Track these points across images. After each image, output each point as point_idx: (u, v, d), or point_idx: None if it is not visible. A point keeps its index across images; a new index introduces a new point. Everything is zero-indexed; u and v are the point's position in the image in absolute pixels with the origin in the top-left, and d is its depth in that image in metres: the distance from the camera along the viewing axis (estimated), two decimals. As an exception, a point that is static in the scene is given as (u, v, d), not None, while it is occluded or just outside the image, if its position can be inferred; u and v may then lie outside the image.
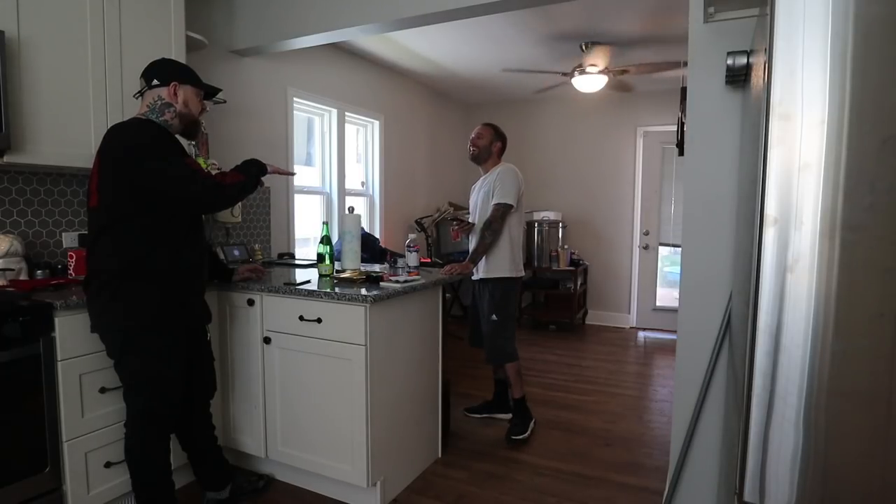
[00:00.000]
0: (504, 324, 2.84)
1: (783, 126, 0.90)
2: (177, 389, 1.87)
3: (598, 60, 4.16)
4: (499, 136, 2.96)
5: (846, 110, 0.86)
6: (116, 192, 1.72)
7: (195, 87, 1.89)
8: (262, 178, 2.01)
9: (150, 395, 1.82)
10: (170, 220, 1.80)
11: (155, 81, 1.83)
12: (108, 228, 1.74)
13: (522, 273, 2.92)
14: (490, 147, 2.92)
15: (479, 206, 2.92)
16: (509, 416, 3.10)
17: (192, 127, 1.93)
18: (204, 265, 2.00)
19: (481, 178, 2.97)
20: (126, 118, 2.21)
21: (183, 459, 2.18)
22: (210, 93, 2.00)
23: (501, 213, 2.79)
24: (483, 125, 2.98)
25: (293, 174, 2.41)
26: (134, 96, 1.93)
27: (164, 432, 1.89)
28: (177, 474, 2.25)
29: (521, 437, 2.82)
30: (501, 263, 2.84)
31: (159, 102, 1.83)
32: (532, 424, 2.92)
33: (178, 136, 1.91)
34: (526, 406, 2.93)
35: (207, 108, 1.98)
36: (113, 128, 1.79)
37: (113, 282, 1.74)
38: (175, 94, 1.83)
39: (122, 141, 1.73)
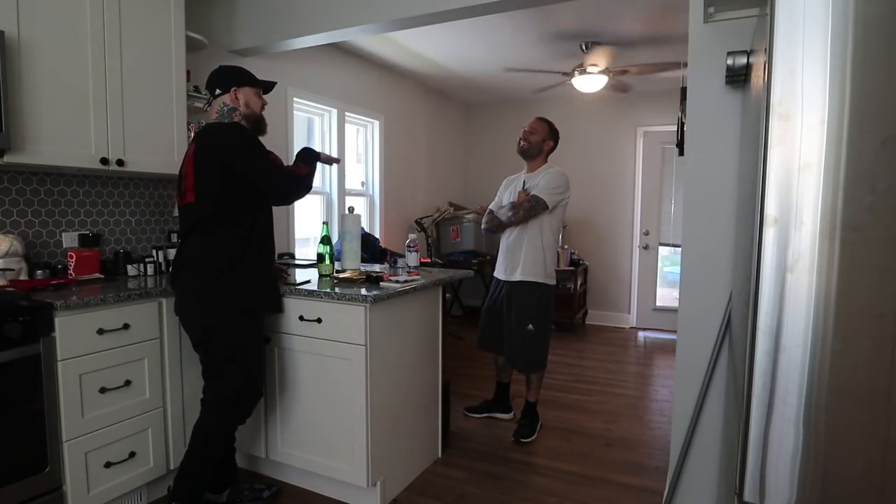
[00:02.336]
0: (540, 333, 2.79)
1: (783, 126, 0.90)
2: (261, 374, 2.03)
3: (598, 60, 4.16)
4: (552, 135, 2.84)
5: (846, 110, 0.86)
6: (216, 190, 1.87)
7: (253, 86, 2.04)
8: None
9: (237, 381, 1.95)
10: (258, 216, 1.97)
11: (217, 91, 1.99)
12: (204, 223, 1.89)
13: (553, 282, 2.82)
14: (542, 144, 2.82)
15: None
16: (509, 415, 3.10)
17: (258, 124, 2.06)
18: (274, 255, 2.16)
19: (523, 175, 2.87)
20: (126, 118, 2.24)
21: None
22: (267, 88, 2.11)
23: (531, 207, 2.69)
24: (538, 120, 2.85)
25: (338, 161, 2.46)
26: (203, 108, 2.09)
27: (243, 417, 2.02)
28: (177, 474, 2.25)
29: (528, 439, 2.82)
30: (535, 267, 2.75)
31: (226, 108, 1.99)
32: (539, 427, 2.93)
33: None
34: (536, 410, 2.94)
35: (267, 102, 2.12)
36: (205, 131, 1.94)
37: (204, 273, 1.90)
38: (237, 97, 1.99)
39: (221, 143, 1.88)
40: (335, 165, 4.14)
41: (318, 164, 2.17)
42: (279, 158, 2.00)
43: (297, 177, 2.00)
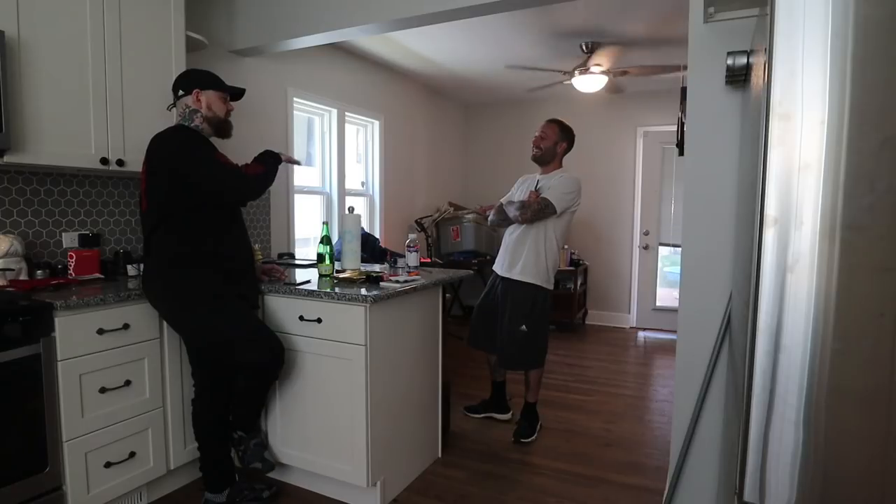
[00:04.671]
0: (533, 334, 2.77)
1: (783, 126, 0.90)
2: (264, 337, 2.04)
3: (598, 60, 4.16)
4: (564, 136, 2.80)
5: (846, 110, 0.86)
6: (161, 194, 1.91)
7: (217, 90, 2.04)
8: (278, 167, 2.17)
9: (238, 349, 2.00)
10: (212, 213, 1.98)
11: (181, 92, 2.02)
12: (159, 227, 1.93)
13: (551, 286, 2.81)
14: (555, 148, 2.79)
15: None
16: (507, 416, 3.10)
17: (222, 127, 2.08)
18: (248, 253, 2.16)
19: (538, 176, 2.85)
20: (126, 118, 2.25)
21: (192, 455, 2.20)
22: (235, 94, 2.13)
23: (540, 208, 2.67)
24: (548, 123, 2.81)
25: (299, 163, 2.45)
26: (168, 108, 2.11)
27: (277, 370, 2.13)
28: (181, 472, 2.26)
29: (528, 439, 2.82)
30: (535, 269, 2.74)
31: (187, 110, 2.02)
32: (539, 427, 2.93)
33: (213, 137, 2.07)
34: (536, 410, 2.94)
35: (233, 108, 2.14)
36: (154, 137, 1.97)
37: (166, 270, 1.95)
38: (199, 100, 2.01)
39: (161, 148, 1.92)
40: (335, 167, 4.15)
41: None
42: (226, 158, 1.99)
43: (241, 175, 1.97)
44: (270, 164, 2.09)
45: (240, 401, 2.13)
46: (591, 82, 4.24)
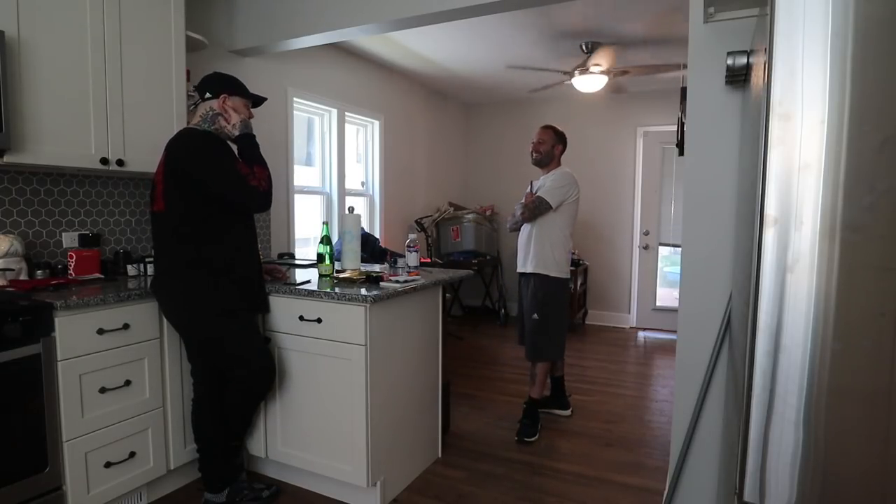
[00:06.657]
0: (544, 323, 2.87)
1: (783, 126, 0.90)
2: (259, 362, 2.07)
3: (598, 60, 4.16)
4: (559, 139, 3.02)
5: (846, 110, 0.86)
6: (181, 198, 1.91)
7: (243, 97, 2.06)
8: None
9: (247, 360, 2.04)
10: (228, 218, 1.99)
11: (207, 94, 2.02)
12: (177, 230, 1.94)
13: (566, 275, 2.94)
14: (552, 151, 2.99)
15: None
16: (567, 412, 3.16)
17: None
18: (258, 260, 2.17)
19: (542, 178, 3.02)
20: (126, 118, 2.24)
21: (192, 455, 2.21)
22: (257, 101, 2.14)
23: (535, 206, 2.86)
24: (543, 129, 3.03)
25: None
26: (189, 108, 2.11)
27: (263, 394, 2.17)
28: (181, 472, 2.26)
29: (532, 438, 2.83)
30: (543, 260, 2.89)
31: (211, 113, 2.02)
32: (539, 426, 2.94)
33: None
34: (537, 409, 2.95)
35: (253, 116, 2.14)
36: (173, 140, 1.98)
37: (182, 272, 1.95)
38: (225, 104, 2.01)
39: (183, 152, 1.92)
40: (335, 167, 4.15)
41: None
42: (246, 168, 1.96)
43: (261, 192, 1.97)
44: (259, 156, 2.04)
45: (226, 413, 2.13)
46: (591, 82, 4.24)
